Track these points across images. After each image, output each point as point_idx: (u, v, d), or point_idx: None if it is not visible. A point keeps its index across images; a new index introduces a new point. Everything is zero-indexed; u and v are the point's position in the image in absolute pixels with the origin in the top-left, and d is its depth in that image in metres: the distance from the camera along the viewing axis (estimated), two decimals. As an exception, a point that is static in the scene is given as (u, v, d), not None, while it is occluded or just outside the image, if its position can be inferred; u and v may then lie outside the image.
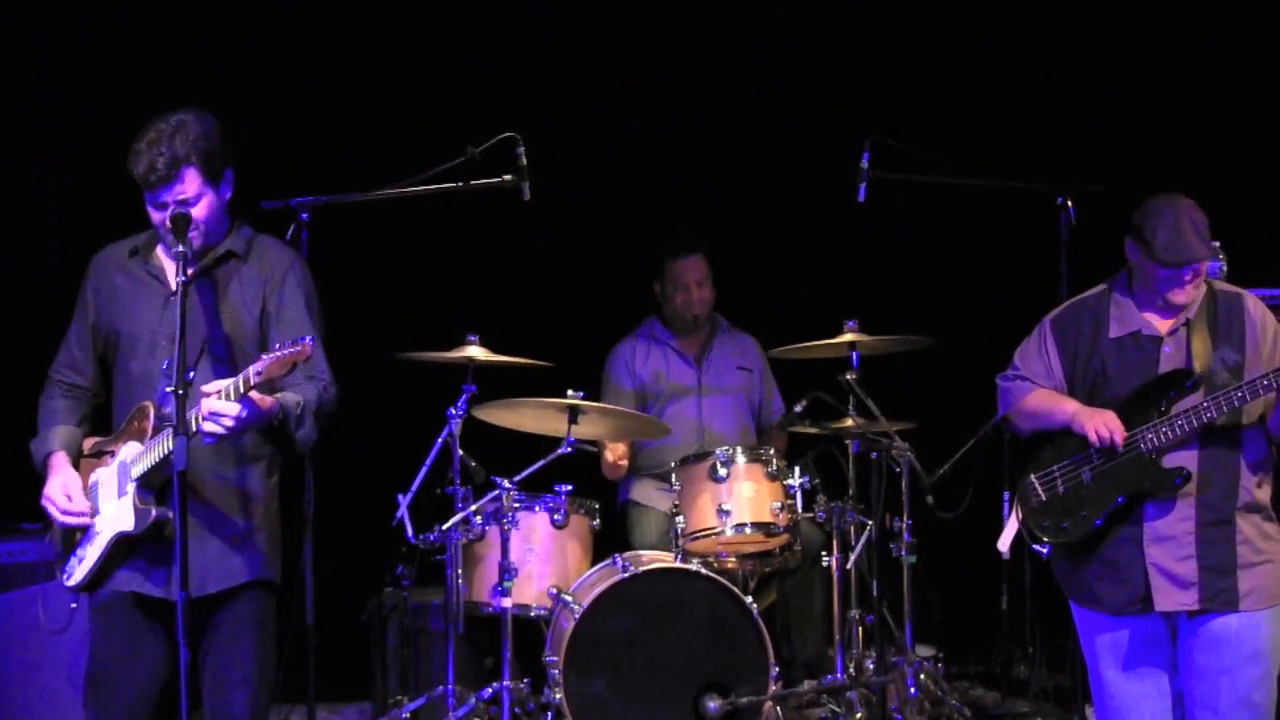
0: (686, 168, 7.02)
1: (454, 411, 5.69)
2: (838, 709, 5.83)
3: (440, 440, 5.69)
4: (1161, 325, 4.42)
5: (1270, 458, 4.40)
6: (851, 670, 5.88)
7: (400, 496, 5.64)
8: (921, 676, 5.93)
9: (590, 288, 6.93)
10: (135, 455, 4.23)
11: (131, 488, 4.21)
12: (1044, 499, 4.52)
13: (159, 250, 4.38)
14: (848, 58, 6.99)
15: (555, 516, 5.82)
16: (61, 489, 4.29)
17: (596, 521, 5.95)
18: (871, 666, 5.89)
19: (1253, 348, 4.36)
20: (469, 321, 5.91)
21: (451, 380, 5.79)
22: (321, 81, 6.57)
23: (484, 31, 6.84)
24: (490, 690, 5.62)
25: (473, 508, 5.66)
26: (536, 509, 5.81)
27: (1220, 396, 4.26)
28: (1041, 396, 4.55)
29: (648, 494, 6.36)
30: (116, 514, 4.24)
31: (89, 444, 4.42)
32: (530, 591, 5.76)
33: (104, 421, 4.44)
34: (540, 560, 5.80)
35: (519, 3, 6.90)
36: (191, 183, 4.19)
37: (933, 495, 5.74)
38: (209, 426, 4.00)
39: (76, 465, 4.39)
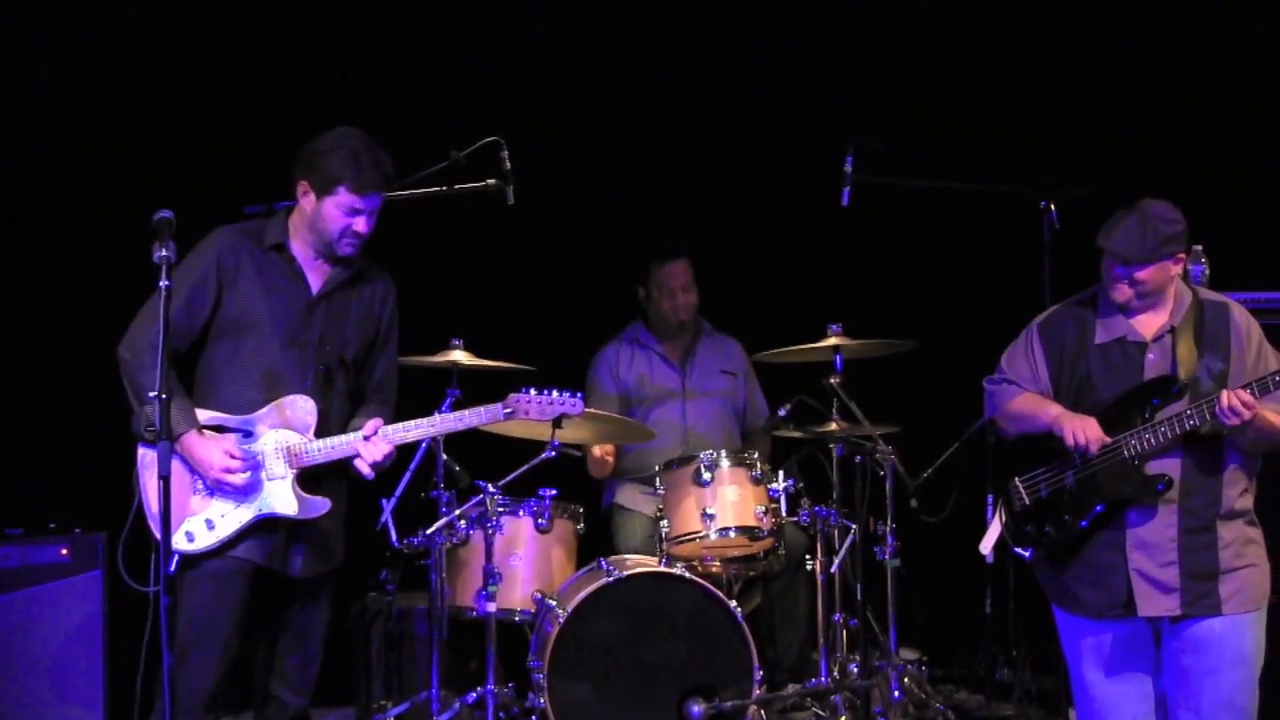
0: (671, 172, 7.00)
1: (438, 416, 5.68)
2: (822, 713, 5.83)
3: (424, 444, 5.67)
4: (1147, 331, 4.43)
5: (1253, 464, 4.41)
6: (836, 674, 5.88)
7: (384, 501, 5.61)
8: (905, 680, 5.95)
9: (574, 292, 6.91)
10: (295, 444, 4.55)
11: (291, 474, 4.54)
12: (1027, 503, 4.52)
13: (294, 250, 4.69)
14: (831, 62, 6.98)
15: (539, 521, 5.81)
16: (227, 457, 4.51)
17: (581, 526, 5.93)
18: (855, 670, 5.89)
19: (1237, 356, 4.37)
20: (453, 325, 5.90)
21: (435, 384, 5.77)
22: (306, 85, 6.55)
23: (468, 36, 6.81)
24: (474, 695, 5.61)
25: (457, 512, 5.65)
26: (521, 513, 5.80)
27: (1204, 404, 4.26)
28: (1026, 400, 4.55)
29: (632, 498, 6.35)
30: (268, 494, 4.53)
31: (204, 416, 4.60)
32: (514, 596, 5.75)
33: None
34: (524, 564, 5.79)
35: (503, 7, 6.88)
36: (379, 200, 4.64)
37: (917, 499, 5.75)
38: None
39: None
